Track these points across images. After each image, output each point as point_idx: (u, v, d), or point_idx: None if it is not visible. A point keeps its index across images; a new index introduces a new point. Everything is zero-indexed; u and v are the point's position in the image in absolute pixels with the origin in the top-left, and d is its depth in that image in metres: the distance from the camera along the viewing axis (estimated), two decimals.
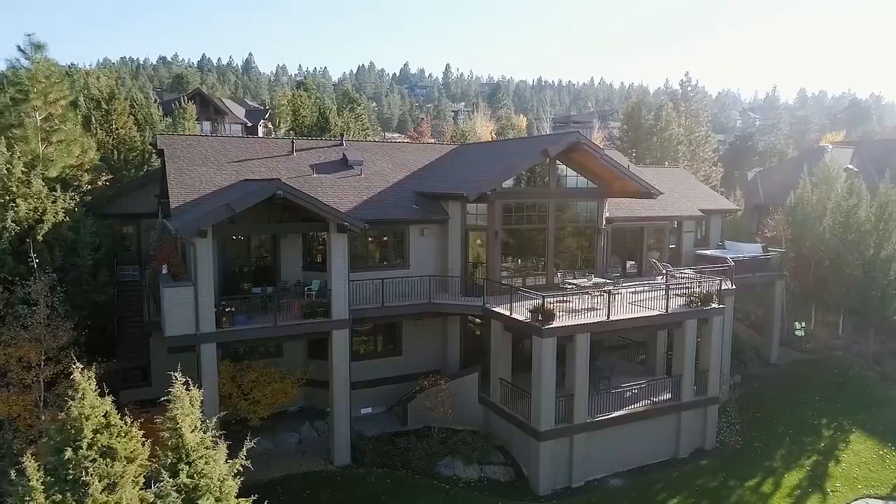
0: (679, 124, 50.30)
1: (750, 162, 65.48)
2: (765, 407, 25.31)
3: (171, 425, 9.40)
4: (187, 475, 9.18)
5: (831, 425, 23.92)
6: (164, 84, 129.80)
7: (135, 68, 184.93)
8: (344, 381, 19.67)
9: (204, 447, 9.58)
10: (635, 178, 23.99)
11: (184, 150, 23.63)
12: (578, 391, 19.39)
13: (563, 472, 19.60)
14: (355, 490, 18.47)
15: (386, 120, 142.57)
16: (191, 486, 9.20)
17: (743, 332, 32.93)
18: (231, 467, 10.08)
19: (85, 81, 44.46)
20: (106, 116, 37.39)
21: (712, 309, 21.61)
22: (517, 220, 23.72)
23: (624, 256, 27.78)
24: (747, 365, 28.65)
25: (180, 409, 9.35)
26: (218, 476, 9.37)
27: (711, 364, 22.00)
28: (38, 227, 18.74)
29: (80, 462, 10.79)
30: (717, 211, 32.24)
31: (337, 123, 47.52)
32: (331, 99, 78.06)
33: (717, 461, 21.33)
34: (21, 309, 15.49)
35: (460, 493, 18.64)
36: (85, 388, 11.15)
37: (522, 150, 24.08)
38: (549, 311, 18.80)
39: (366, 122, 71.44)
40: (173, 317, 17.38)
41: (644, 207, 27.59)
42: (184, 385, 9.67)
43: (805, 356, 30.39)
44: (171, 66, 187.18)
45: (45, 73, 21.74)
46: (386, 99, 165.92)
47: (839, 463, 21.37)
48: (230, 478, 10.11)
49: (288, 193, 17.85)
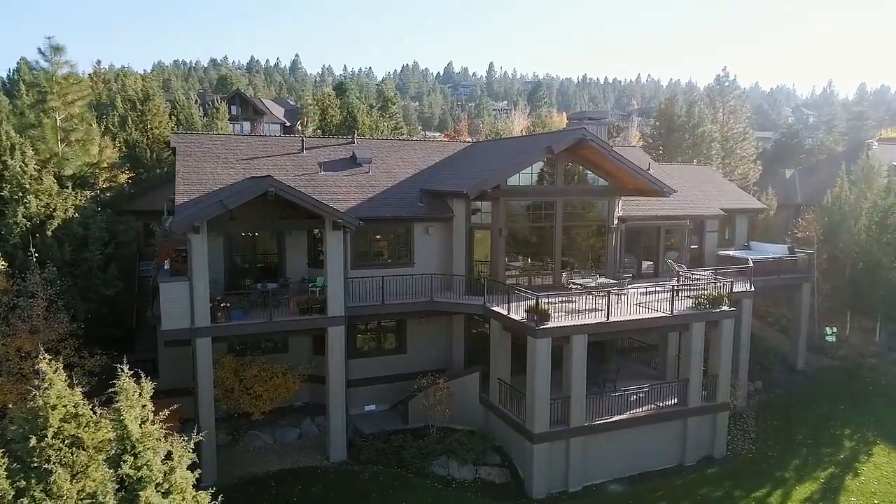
0: (715, 120, 48.76)
1: (796, 160, 62.96)
2: (784, 415, 24.22)
3: (114, 416, 9.53)
4: (131, 466, 9.28)
5: (854, 436, 22.70)
6: (213, 86, 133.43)
7: (186, 71, 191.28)
8: (340, 377, 19.73)
9: (152, 439, 9.67)
10: (646, 176, 23.28)
11: (195, 148, 24.14)
12: (575, 393, 18.93)
13: (560, 475, 19.18)
14: (347, 486, 18.51)
15: (427, 119, 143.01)
16: (134, 478, 9.30)
17: (772, 336, 31.65)
18: (180, 459, 10.13)
19: (123, 83, 46.08)
20: (141, 117, 38.70)
21: (722, 311, 20.78)
22: (523, 218, 23.37)
23: (640, 256, 27.03)
24: (770, 371, 27.45)
25: (124, 401, 9.47)
26: (159, 468, 9.42)
27: (721, 369, 21.16)
28: (49, 223, 19.43)
29: (45, 451, 11.10)
30: (742, 210, 31.08)
31: (365, 123, 47.83)
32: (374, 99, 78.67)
33: (725, 470, 20.50)
34: (21, 301, 16.06)
35: (451, 494, 18.44)
36: (52, 378, 11.46)
37: (528, 147, 23.67)
38: (544, 310, 18.42)
39: (400, 120, 71.95)
40: (169, 311, 17.76)
41: (661, 206, 26.78)
42: (132, 377, 9.79)
43: (835, 363, 28.98)
44: (220, 67, 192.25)
45: (64, 75, 22.49)
46: (427, 98, 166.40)
47: (857, 476, 20.23)
48: (180, 469, 10.17)
49: (280, 190, 18.00)
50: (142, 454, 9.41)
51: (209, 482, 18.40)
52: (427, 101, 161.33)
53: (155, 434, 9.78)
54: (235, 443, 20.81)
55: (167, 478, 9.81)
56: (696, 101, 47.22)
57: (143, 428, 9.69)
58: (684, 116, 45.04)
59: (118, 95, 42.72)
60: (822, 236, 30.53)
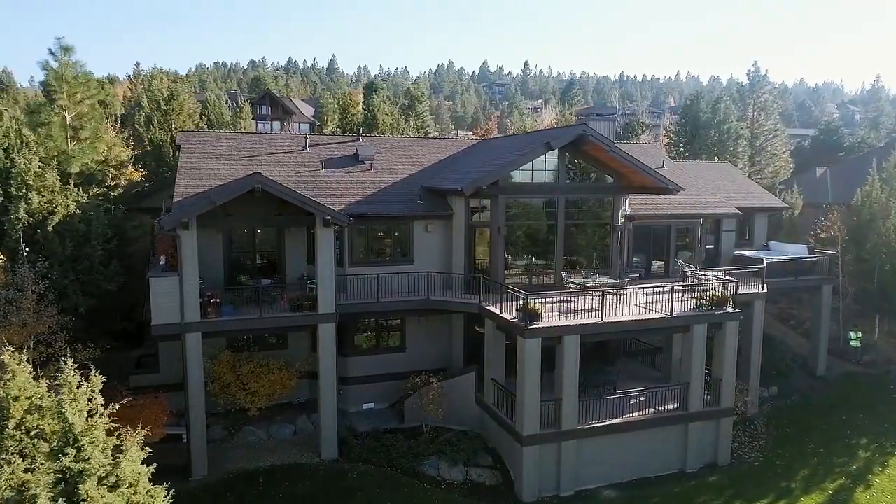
0: (744, 116, 47.27)
1: (834, 157, 60.64)
2: (798, 422, 23.20)
3: (55, 409, 9.58)
4: (73, 459, 9.30)
5: (871, 446, 21.58)
6: (248, 86, 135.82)
7: (226, 73, 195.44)
8: (331, 374, 19.65)
9: (96, 432, 9.67)
10: (651, 173, 22.56)
11: (199, 146, 24.44)
12: (567, 396, 18.43)
13: (551, 479, 18.72)
14: (334, 484, 18.41)
15: (459, 118, 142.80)
16: (75, 471, 9.32)
17: (793, 339, 30.44)
18: (132, 453, 10.13)
19: (149, 84, 47.07)
20: (165, 116, 39.51)
21: (725, 313, 19.99)
22: (523, 216, 22.94)
23: (650, 256, 26.28)
24: (787, 376, 26.35)
25: (67, 394, 9.50)
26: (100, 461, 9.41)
27: (725, 373, 20.35)
28: (50, 219, 19.86)
29: (6, 441, 11.28)
30: (762, 209, 29.92)
31: (385, 121, 47.89)
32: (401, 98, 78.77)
33: (728, 479, 19.70)
34: (10, 294, 16.42)
35: (439, 495, 18.17)
36: (15, 370, 11.64)
37: (529, 144, 23.21)
38: (534, 310, 17.99)
39: (426, 119, 71.85)
40: (159, 306, 17.99)
41: (673, 204, 25.99)
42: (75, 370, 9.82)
43: (859, 369, 27.69)
44: (258, 69, 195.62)
45: (72, 74, 23.01)
46: (460, 97, 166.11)
47: (869, 488, 19.19)
48: (129, 463, 10.16)
49: (267, 186, 18.02)
50: (85, 448, 9.42)
51: (199, 476, 18.67)
52: (460, 100, 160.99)
53: (100, 427, 9.79)
54: (231, 438, 20.96)
55: (113, 471, 9.82)
56: (721, 96, 45.76)
57: (89, 421, 9.71)
58: (709, 113, 43.77)
59: (144, 95, 43.66)
60: (846, 236, 29.20)
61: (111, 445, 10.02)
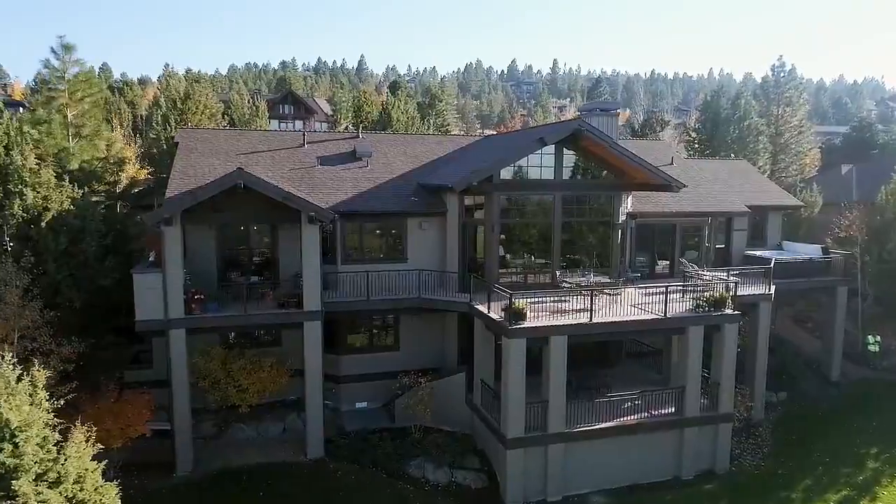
0: (768, 112, 45.83)
1: (867, 155, 58.47)
2: (806, 429, 22.24)
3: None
4: (8, 455, 9.23)
5: (881, 456, 20.53)
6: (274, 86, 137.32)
7: (257, 73, 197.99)
8: (316, 373, 19.43)
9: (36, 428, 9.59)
10: (651, 169, 21.83)
11: (197, 143, 24.52)
12: (554, 398, 17.91)
13: (537, 483, 18.21)
14: (316, 484, 18.19)
15: (485, 117, 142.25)
16: (10, 466, 9.24)
17: (809, 343, 29.26)
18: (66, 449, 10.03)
19: (167, 83, 47.86)
20: (181, 115, 40.01)
21: (723, 315, 19.20)
22: (519, 214, 22.45)
23: (654, 255, 25.50)
24: (799, 380, 25.31)
25: (3, 389, 9.43)
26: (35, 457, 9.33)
27: (724, 376, 19.56)
28: (44, 214, 20.05)
29: None
30: (776, 208, 28.83)
31: (400, 120, 47.74)
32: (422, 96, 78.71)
33: (724, 487, 18.92)
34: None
35: (420, 497, 17.81)
36: None
37: (524, 140, 22.70)
38: (519, 309, 17.51)
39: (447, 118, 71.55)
40: (143, 301, 18.00)
41: (679, 202, 25.20)
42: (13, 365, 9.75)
43: (876, 374, 26.49)
44: (288, 69, 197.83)
45: (72, 73, 23.30)
46: (486, 96, 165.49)
47: (874, 501, 18.23)
48: (75, 459, 10.07)
49: (249, 182, 17.91)
50: (21, 444, 9.34)
51: (184, 472, 18.67)
52: (486, 99, 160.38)
53: (39, 422, 9.71)
54: (221, 435, 20.94)
55: (53, 467, 9.73)
56: (742, 92, 44.41)
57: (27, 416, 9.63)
58: (729, 109, 42.51)
59: (162, 95, 44.37)
60: (867, 236, 27.96)
61: (53, 441, 9.94)
